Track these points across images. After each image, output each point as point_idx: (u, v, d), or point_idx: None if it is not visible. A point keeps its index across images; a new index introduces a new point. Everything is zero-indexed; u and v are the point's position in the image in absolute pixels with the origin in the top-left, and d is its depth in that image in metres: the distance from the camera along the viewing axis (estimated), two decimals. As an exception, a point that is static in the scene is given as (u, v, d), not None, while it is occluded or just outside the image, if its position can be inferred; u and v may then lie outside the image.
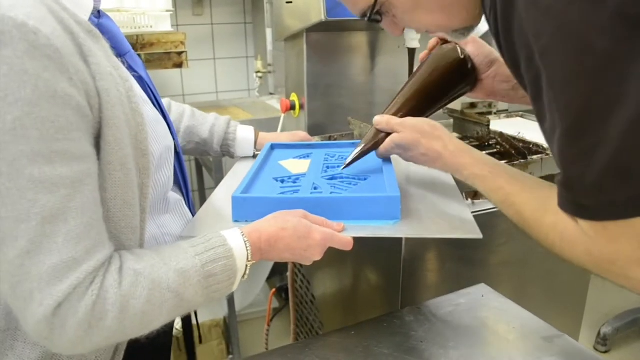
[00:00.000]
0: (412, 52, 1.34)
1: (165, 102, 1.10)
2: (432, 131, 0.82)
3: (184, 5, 2.38)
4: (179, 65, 1.67)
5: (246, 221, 0.85)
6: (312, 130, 1.45)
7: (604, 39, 0.48)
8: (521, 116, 1.69)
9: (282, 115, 1.63)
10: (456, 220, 0.85)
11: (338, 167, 1.05)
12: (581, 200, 0.56)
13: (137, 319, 0.60)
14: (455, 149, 0.79)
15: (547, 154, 1.25)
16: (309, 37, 1.38)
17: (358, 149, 0.94)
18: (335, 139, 1.40)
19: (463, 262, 1.14)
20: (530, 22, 0.52)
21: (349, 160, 0.95)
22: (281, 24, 1.47)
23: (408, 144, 0.83)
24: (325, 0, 1.20)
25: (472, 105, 2.14)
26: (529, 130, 1.47)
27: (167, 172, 0.80)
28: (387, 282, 1.13)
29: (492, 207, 1.13)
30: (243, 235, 0.71)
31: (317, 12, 1.22)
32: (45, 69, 0.54)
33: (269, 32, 2.26)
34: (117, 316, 0.58)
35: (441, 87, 0.93)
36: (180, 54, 1.68)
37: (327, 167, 1.05)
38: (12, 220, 0.54)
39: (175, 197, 0.85)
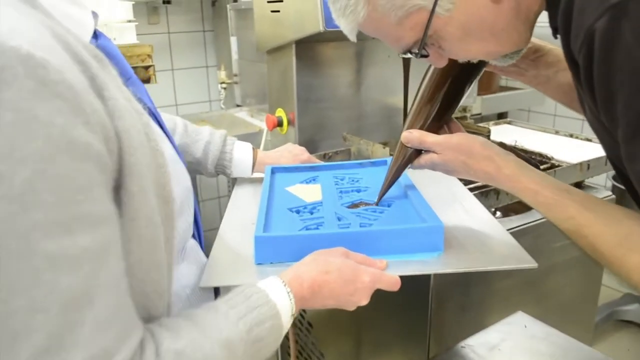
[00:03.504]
0: (407, 61, 1.27)
1: None
2: (480, 151, 0.73)
3: (139, 13, 2.21)
4: (147, 80, 1.51)
5: (270, 263, 0.76)
6: (304, 148, 1.34)
7: None
8: (509, 122, 1.66)
9: (265, 131, 1.52)
10: (503, 248, 0.78)
11: (352, 191, 0.96)
12: None
13: None
14: (511, 172, 0.71)
15: (555, 165, 1.21)
16: (299, 48, 1.27)
17: (389, 175, 0.84)
18: (330, 157, 1.31)
19: (488, 289, 1.07)
20: None
21: (382, 190, 0.87)
22: (264, 34, 1.36)
23: (454, 168, 0.75)
24: (323, 10, 1.10)
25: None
26: (523, 138, 1.43)
27: (189, 218, 0.69)
28: (410, 317, 1.04)
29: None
30: (285, 285, 0.62)
31: (314, 23, 1.12)
32: (58, 113, 0.41)
33: (233, 41, 2.12)
34: None
35: (463, 74, 0.83)
36: (147, 68, 1.52)
37: (341, 192, 0.96)
38: (24, 311, 0.41)
39: (191, 242, 0.73)
